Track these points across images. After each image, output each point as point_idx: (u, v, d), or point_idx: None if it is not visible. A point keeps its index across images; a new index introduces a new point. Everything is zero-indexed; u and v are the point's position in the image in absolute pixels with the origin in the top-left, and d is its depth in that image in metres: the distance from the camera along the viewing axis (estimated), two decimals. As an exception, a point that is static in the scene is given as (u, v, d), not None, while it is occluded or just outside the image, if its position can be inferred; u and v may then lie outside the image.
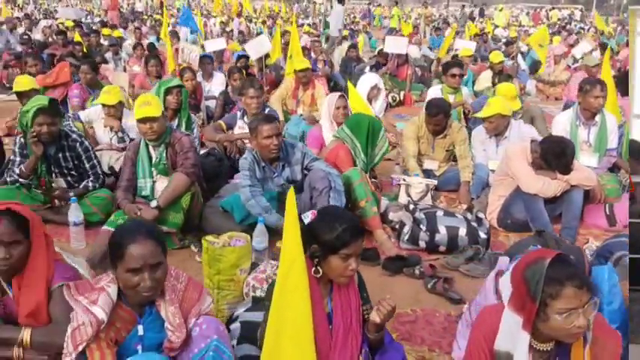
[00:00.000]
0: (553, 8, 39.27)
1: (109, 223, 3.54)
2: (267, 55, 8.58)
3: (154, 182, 3.80)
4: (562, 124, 4.63)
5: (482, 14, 29.10)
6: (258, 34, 14.78)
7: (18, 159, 3.96)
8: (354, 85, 6.25)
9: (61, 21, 16.29)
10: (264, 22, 22.47)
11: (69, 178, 4.03)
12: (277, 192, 3.71)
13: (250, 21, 23.31)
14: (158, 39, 13.40)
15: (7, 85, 8.92)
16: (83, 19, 18.90)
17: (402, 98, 8.85)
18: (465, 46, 8.85)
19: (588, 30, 24.82)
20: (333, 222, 2.04)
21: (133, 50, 9.77)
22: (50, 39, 11.67)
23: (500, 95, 5.65)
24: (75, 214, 3.60)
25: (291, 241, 1.86)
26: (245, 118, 4.99)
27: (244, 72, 6.22)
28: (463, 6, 29.22)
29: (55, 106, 3.90)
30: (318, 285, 2.10)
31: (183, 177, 3.52)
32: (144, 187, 3.80)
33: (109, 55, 9.91)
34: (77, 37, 9.95)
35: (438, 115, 4.58)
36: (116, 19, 18.10)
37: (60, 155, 3.96)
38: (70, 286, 1.96)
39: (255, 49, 8.33)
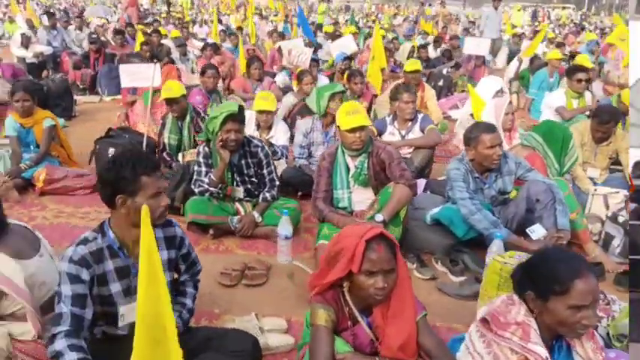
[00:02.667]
0: (564, 8, 39.47)
1: (325, 237, 3.36)
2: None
3: (350, 193, 3.64)
4: None
5: (535, 16, 28.76)
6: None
7: (204, 169, 3.79)
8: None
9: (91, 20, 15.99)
10: (285, 21, 22.22)
11: (249, 186, 3.87)
12: (489, 204, 3.57)
13: (266, 19, 23.03)
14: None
15: (81, 87, 8.71)
16: (110, 17, 18.58)
17: (483, 101, 8.72)
18: (554, 49, 8.74)
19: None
20: None
21: (201, 51, 9.54)
22: (103, 38, 11.36)
23: (626, 101, 5.56)
24: (286, 227, 3.43)
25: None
26: (395, 123, 4.84)
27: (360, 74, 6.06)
28: (422, 3, 28.58)
29: (243, 112, 3.72)
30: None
31: (406, 189, 3.36)
32: (341, 198, 3.64)
33: (175, 55, 9.68)
34: (141, 38, 9.68)
35: (609, 122, 4.44)
36: (135, 16, 17.76)
37: (243, 162, 3.80)
38: (487, 320, 1.81)
39: (341, 49, 8.17)
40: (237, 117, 3.61)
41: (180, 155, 4.75)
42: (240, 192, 3.85)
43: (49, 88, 6.83)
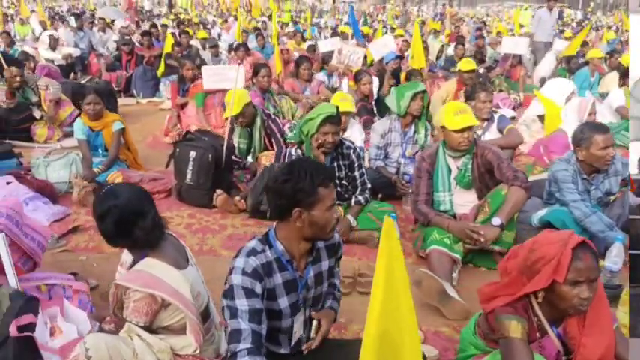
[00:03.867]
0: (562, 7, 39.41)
1: (436, 242, 3.27)
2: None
3: (451, 196, 3.55)
4: None
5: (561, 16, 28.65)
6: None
7: (337, 173, 3.71)
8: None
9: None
10: (295, 22, 22.11)
11: (339, 189, 3.77)
12: (596, 205, 3.49)
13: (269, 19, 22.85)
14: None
15: (117, 89, 8.55)
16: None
17: (522, 100, 8.66)
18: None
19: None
20: None
21: (234, 52, 9.41)
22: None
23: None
24: (393, 232, 3.33)
25: None
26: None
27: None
28: (405, 3, 28.17)
29: (339, 114, 3.63)
30: None
31: (522, 192, 3.26)
32: (442, 201, 3.55)
33: (207, 56, 9.57)
34: (170, 39, 9.50)
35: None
36: (134, 17, 17.60)
37: (335, 164, 3.71)
38: None
39: (379, 49, 8.07)
40: (336, 119, 3.52)
41: (249, 157, 4.66)
42: None
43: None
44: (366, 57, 7.23)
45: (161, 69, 8.70)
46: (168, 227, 2.27)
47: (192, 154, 4.09)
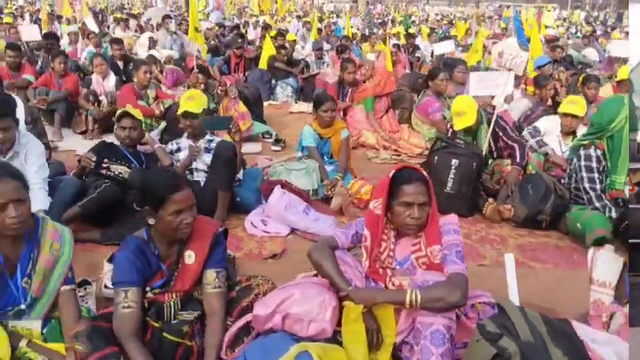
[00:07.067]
0: (550, 8, 39.69)
1: None
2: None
3: None
4: None
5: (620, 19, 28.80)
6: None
7: (596, 175, 3.66)
8: None
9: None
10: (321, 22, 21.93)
11: None
12: None
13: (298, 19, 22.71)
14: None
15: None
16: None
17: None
18: None
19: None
20: None
21: (336, 54, 9.29)
22: (212, 42, 11.01)
23: None
24: None
25: None
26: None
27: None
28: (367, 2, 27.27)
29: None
30: None
31: None
32: None
33: (310, 59, 9.46)
34: (269, 41, 9.30)
35: None
36: None
37: None
38: None
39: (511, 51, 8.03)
40: None
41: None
42: None
43: (245, 95, 6.56)
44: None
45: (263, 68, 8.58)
46: None
47: (455, 161, 4.00)
